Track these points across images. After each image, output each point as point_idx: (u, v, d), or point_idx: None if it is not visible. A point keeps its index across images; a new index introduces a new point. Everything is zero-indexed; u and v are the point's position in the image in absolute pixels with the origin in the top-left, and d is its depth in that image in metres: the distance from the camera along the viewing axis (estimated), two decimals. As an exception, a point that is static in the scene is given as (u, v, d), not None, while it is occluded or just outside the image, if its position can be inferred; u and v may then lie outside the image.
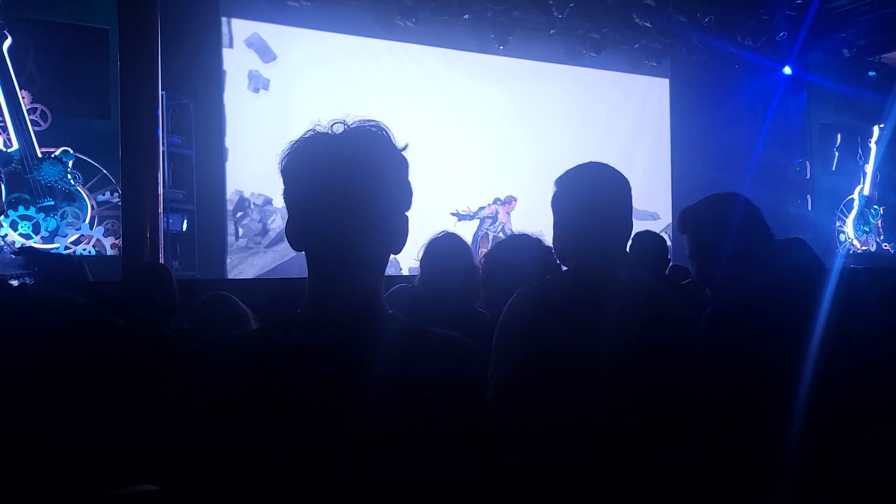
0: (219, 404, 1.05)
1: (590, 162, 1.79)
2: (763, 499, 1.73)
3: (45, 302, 1.55)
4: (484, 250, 8.53)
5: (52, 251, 6.63)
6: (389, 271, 1.41)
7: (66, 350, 1.46)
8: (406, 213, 1.17)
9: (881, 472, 1.66)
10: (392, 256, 1.19)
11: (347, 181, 1.09)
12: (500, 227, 9.56)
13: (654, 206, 11.35)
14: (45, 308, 1.53)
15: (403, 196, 1.15)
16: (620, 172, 1.78)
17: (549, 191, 1.79)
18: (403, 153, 1.15)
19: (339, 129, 1.11)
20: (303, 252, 1.14)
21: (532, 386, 1.59)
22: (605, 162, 1.80)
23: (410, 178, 1.17)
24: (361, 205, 1.09)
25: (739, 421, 1.76)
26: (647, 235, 3.88)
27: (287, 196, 1.13)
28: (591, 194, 1.73)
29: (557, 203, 1.77)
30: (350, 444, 1.03)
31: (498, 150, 10.33)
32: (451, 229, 2.81)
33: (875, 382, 1.72)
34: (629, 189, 1.76)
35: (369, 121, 1.13)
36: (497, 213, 9.62)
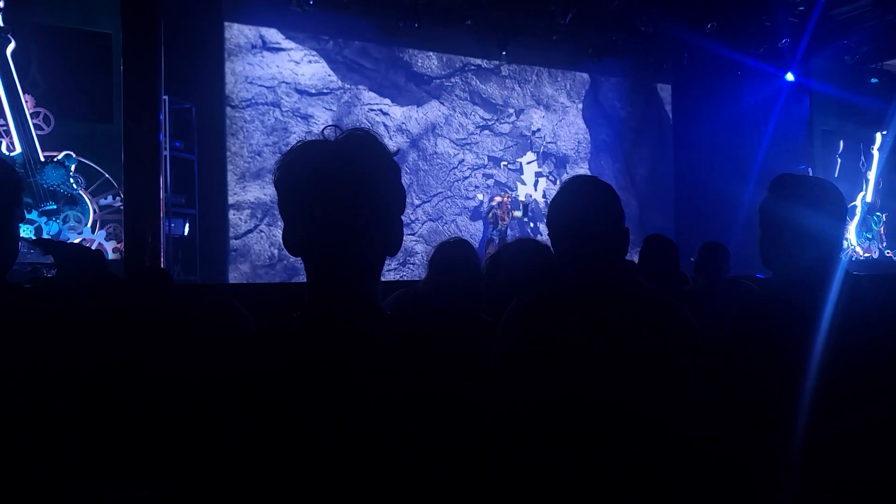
0: (218, 407, 1.06)
1: (574, 177, 1.85)
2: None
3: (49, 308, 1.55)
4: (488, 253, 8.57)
5: (71, 242, 6.61)
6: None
7: (66, 359, 1.47)
8: (400, 217, 1.19)
9: (884, 480, 1.66)
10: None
11: (341, 188, 1.10)
12: (505, 227, 9.61)
13: (655, 212, 11.36)
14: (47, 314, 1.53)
15: (396, 200, 1.18)
16: (605, 182, 1.83)
17: (551, 194, 1.82)
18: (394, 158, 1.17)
19: (330, 136, 1.13)
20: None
21: (532, 392, 1.59)
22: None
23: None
24: (356, 211, 1.11)
25: (743, 427, 1.76)
26: (658, 239, 3.88)
27: (282, 205, 1.15)
28: (580, 210, 1.77)
29: (551, 223, 1.83)
30: (347, 447, 1.03)
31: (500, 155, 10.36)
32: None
33: (878, 390, 1.72)
34: (616, 197, 1.80)
35: (359, 128, 1.15)
36: (497, 217, 9.67)
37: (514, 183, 10.41)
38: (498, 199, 9.81)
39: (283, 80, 9.05)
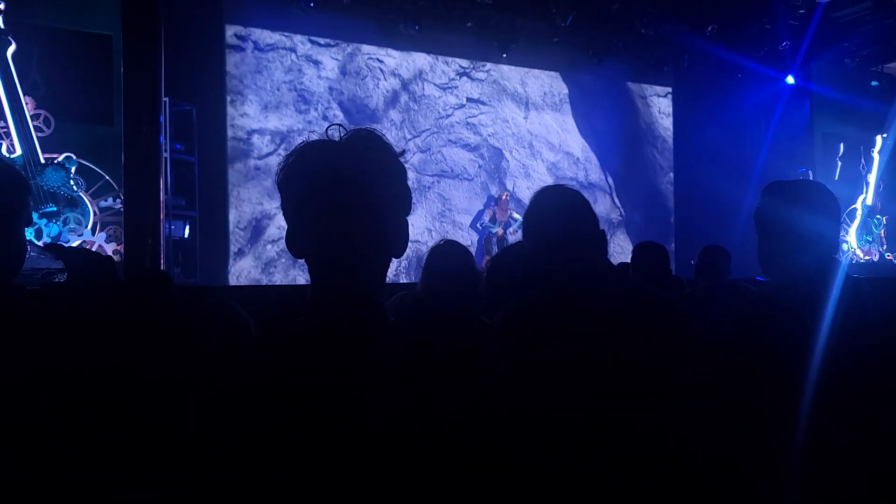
0: (219, 410, 1.06)
1: (544, 188, 1.91)
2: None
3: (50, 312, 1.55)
4: (488, 257, 8.62)
5: (81, 248, 6.60)
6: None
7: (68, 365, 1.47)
8: (406, 218, 1.17)
9: (884, 483, 1.65)
10: None
11: (346, 189, 1.09)
12: (502, 224, 9.68)
13: (656, 214, 11.36)
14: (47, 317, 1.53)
15: (403, 201, 1.16)
16: (574, 189, 1.88)
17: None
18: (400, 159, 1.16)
19: (334, 136, 1.12)
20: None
21: (529, 395, 1.59)
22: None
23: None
24: (361, 213, 1.10)
25: (743, 430, 1.76)
26: (647, 246, 3.89)
27: (286, 206, 1.13)
28: (554, 218, 1.81)
29: (527, 236, 1.88)
30: (350, 451, 1.03)
31: (502, 159, 10.37)
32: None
33: (878, 392, 1.71)
34: (587, 202, 1.85)
35: (364, 128, 1.14)
36: (494, 213, 9.74)
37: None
38: (493, 211, 9.89)
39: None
